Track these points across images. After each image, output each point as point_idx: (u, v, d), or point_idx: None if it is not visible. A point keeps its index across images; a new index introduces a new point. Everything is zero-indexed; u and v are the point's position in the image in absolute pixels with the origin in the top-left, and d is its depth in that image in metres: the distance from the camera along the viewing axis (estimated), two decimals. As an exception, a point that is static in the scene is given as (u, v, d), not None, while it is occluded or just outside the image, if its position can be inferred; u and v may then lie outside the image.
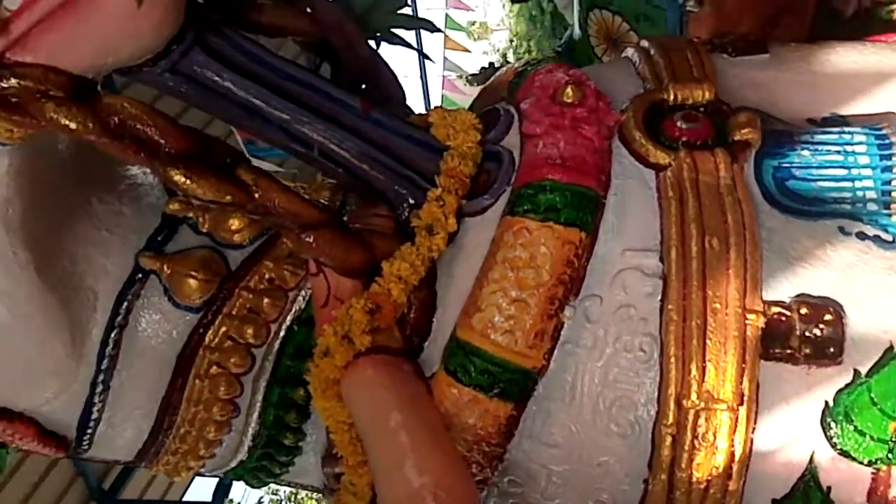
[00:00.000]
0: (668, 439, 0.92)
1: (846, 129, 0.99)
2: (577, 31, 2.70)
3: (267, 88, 0.92)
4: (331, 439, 1.04)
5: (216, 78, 0.89)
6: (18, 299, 1.00)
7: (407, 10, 1.12)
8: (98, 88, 0.85)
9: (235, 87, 0.90)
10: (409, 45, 1.20)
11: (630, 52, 1.14)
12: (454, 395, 0.95)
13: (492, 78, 1.18)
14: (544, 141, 0.95)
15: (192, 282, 1.09)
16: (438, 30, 1.32)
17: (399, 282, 0.97)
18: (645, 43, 1.12)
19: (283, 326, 1.12)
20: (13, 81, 0.78)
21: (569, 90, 0.97)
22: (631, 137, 0.97)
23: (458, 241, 1.00)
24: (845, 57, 1.08)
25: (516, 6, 11.82)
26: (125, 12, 0.76)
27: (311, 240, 0.93)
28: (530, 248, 0.91)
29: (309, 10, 1.03)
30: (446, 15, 7.68)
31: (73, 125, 0.79)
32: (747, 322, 0.90)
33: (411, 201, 1.01)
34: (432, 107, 1.11)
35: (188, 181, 0.84)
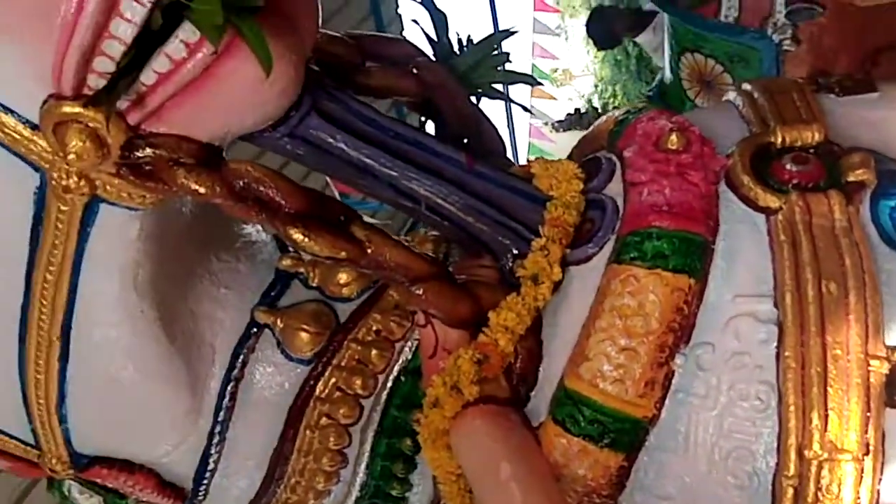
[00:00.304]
0: (790, 491, 0.88)
1: (966, 165, 0.95)
2: (667, 74, 2.70)
3: (377, 147, 0.96)
4: (439, 490, 1.04)
5: (330, 140, 0.93)
6: (146, 356, 1.06)
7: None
8: (223, 154, 0.91)
9: (348, 148, 0.94)
10: (506, 98, 1.23)
11: (732, 95, 1.13)
12: (563, 445, 0.94)
13: (591, 127, 1.19)
14: (649, 188, 0.95)
15: (304, 335, 1.13)
16: (539, 82, 1.35)
17: (506, 332, 0.97)
18: (747, 85, 1.11)
19: (391, 377, 1.15)
20: (148, 151, 0.84)
21: (673, 137, 0.97)
22: (739, 182, 0.96)
23: (563, 290, 1.00)
24: (960, 91, 1.04)
25: (601, 52, 11.84)
26: (253, 84, 0.81)
27: (421, 292, 0.95)
28: (638, 296, 0.91)
29: (414, 70, 1.07)
30: (532, 65, 7.78)
31: (202, 189, 0.85)
32: (870, 368, 0.87)
33: (515, 252, 1.02)
34: (520, 154, 1.13)
35: (307, 239, 0.87)
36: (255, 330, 1.15)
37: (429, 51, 1.15)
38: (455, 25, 1.16)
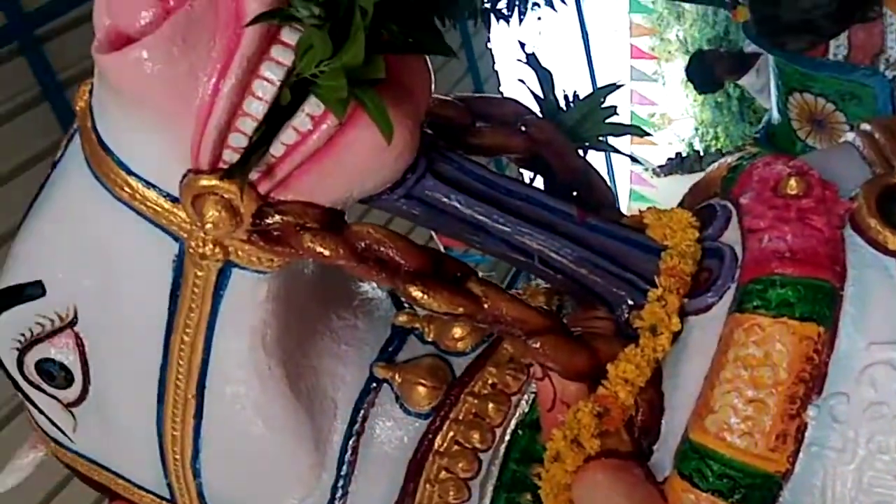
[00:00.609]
0: (936, 548, 0.83)
1: None
2: (775, 115, 2.63)
3: (489, 204, 0.98)
4: (560, 544, 1.03)
5: (444, 199, 0.96)
6: (273, 412, 1.10)
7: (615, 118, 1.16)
8: (345, 217, 0.95)
9: (461, 206, 0.97)
10: (611, 149, 1.23)
11: (850, 136, 1.10)
12: (691, 500, 0.91)
13: (703, 173, 1.18)
14: (770, 234, 0.93)
15: (422, 389, 1.15)
16: (648, 133, 1.35)
17: (625, 384, 0.96)
18: (866, 126, 1.07)
19: (508, 431, 1.15)
20: (277, 217, 0.89)
21: (792, 182, 0.95)
22: (865, 225, 0.92)
23: (683, 341, 0.98)
24: None
25: (701, 96, 11.67)
26: (374, 151, 0.85)
27: (538, 345, 0.95)
28: (764, 346, 0.88)
29: (523, 128, 1.09)
30: (631, 112, 7.75)
31: (327, 252, 0.89)
32: None
33: (631, 303, 1.02)
34: (621, 201, 1.13)
35: (426, 296, 0.90)
36: (374, 385, 1.18)
37: (535, 107, 1.17)
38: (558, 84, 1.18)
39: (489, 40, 7.23)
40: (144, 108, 0.84)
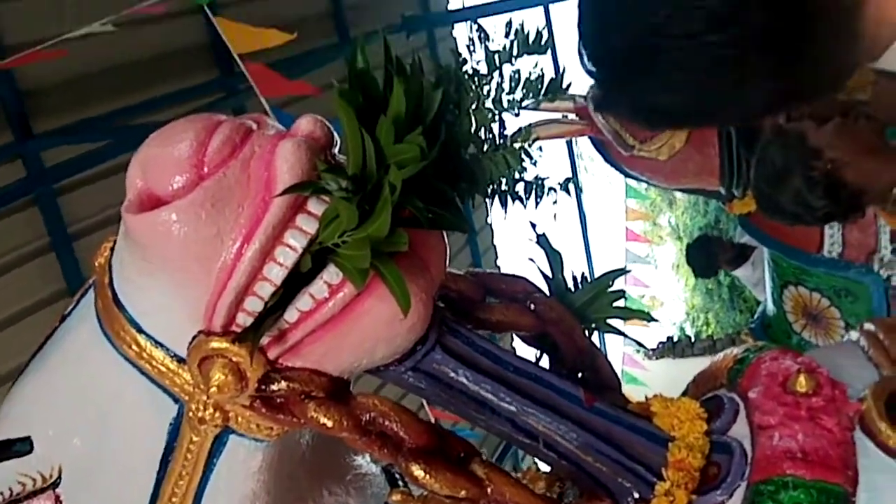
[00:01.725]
0: None
1: None
2: (770, 306, 2.67)
3: (497, 382, 0.97)
4: None
5: (452, 374, 0.95)
6: None
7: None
8: (350, 387, 0.93)
9: (469, 382, 0.95)
10: (620, 333, 1.24)
11: (854, 335, 1.11)
12: None
13: (708, 365, 1.18)
14: (780, 433, 0.92)
15: None
16: (655, 319, 1.36)
17: (631, 582, 0.91)
18: (870, 326, 1.09)
19: None
20: (283, 384, 0.88)
21: (801, 379, 0.95)
22: (875, 429, 0.91)
23: (691, 539, 0.94)
24: None
25: (692, 281, 11.90)
26: (388, 322, 0.85)
27: (543, 536, 0.91)
28: (777, 554, 0.85)
29: (532, 306, 1.10)
30: (624, 292, 7.87)
31: (330, 423, 0.87)
32: None
33: (637, 495, 0.98)
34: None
35: (428, 476, 0.87)
36: None
37: (543, 286, 1.19)
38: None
39: (489, 215, 7.47)
40: (167, 268, 0.85)
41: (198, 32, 4.51)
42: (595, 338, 1.17)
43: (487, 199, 1.06)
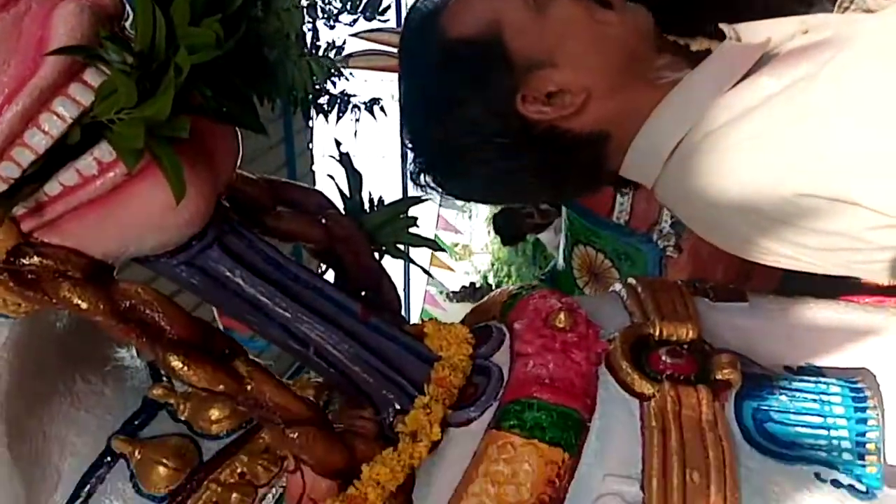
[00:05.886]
0: None
1: (822, 379, 1.03)
2: (560, 262, 2.84)
3: (274, 286, 0.96)
4: None
5: (228, 274, 0.93)
6: None
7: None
8: (114, 272, 0.89)
9: (244, 283, 0.94)
10: (408, 259, 1.26)
11: (618, 287, 1.21)
12: None
13: (485, 297, 1.24)
14: (534, 361, 0.99)
15: (162, 469, 1.06)
16: (441, 248, 1.40)
17: (377, 486, 0.96)
18: (632, 281, 1.19)
19: (249, 524, 1.08)
20: (35, 259, 0.82)
21: (562, 316, 1.02)
22: (618, 366, 1.00)
23: (441, 452, 1.00)
24: (821, 313, 1.14)
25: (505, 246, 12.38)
26: (161, 210, 0.81)
27: (295, 436, 0.92)
28: (513, 464, 0.92)
29: (323, 221, 1.10)
30: (436, 235, 8.03)
31: (84, 305, 0.82)
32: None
33: (398, 407, 1.02)
34: (412, 318, 1.16)
35: (185, 367, 0.85)
36: (108, 459, 1.07)
37: (340, 205, 1.19)
38: (367, 187, 1.21)
39: (311, 140, 7.29)
40: None
41: None
42: (402, 272, 1.19)
43: (290, 106, 1.04)
